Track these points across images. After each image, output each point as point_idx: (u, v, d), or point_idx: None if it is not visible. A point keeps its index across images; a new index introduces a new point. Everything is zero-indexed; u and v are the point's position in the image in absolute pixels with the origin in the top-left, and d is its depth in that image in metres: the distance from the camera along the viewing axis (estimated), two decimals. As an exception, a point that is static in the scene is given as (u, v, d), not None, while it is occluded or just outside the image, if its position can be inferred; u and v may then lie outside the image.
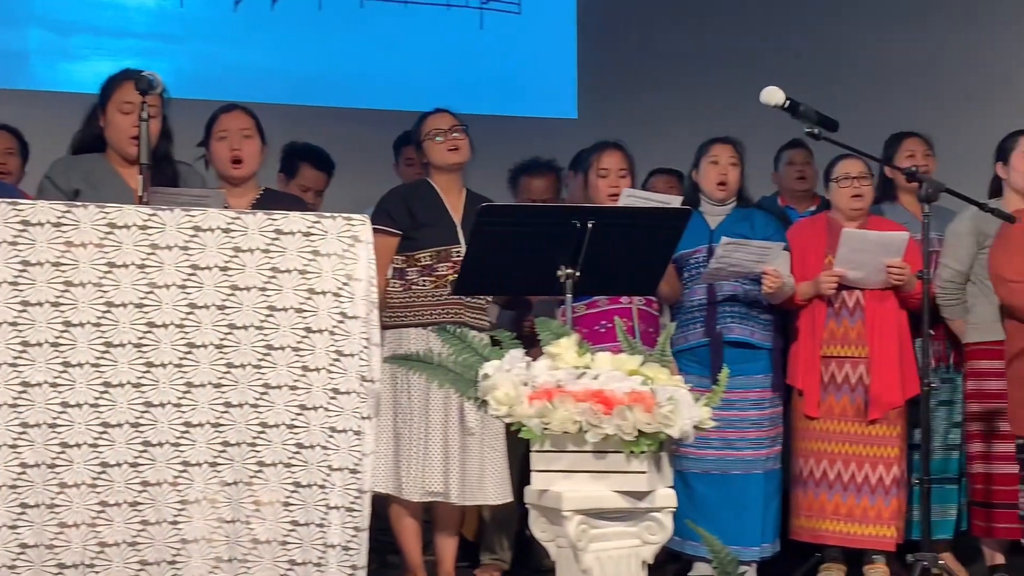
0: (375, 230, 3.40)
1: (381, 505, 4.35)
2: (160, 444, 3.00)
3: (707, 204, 4.83)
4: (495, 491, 4.33)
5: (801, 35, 7.23)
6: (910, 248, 4.65)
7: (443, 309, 4.33)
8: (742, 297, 4.72)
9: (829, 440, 4.68)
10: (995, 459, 4.71)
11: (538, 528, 3.04)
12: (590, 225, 3.58)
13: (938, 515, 4.82)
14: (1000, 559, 4.80)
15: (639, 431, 2.92)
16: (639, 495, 2.97)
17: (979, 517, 4.78)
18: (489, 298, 4.47)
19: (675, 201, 4.64)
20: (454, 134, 4.46)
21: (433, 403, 4.29)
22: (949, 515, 4.93)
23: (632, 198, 4.61)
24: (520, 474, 4.53)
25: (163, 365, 3.00)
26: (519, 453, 4.62)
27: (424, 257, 4.40)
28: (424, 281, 4.38)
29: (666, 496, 3.02)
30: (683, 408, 2.95)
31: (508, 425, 3.02)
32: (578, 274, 3.64)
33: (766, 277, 4.58)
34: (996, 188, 4.89)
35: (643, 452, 2.94)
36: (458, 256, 4.32)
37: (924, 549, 3.93)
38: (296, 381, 3.07)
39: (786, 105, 3.80)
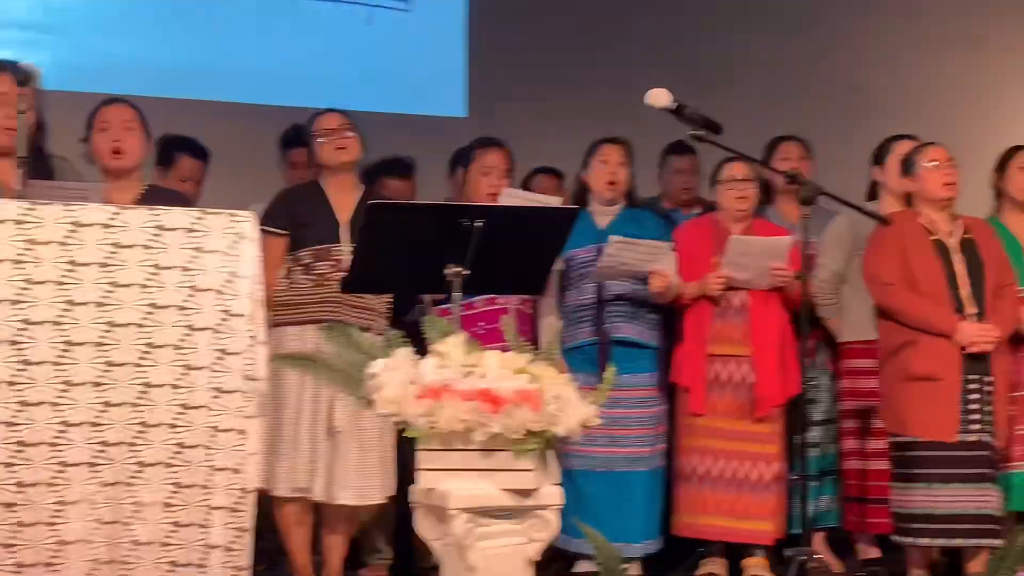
0: (262, 230, 3.35)
1: (271, 505, 4.30)
2: (36, 444, 2.92)
3: (596, 204, 4.84)
4: (362, 492, 4.27)
5: (688, 39, 7.30)
6: (793, 251, 4.72)
7: (323, 308, 4.28)
8: (630, 296, 4.74)
9: (713, 437, 4.72)
10: (869, 455, 4.81)
11: (424, 527, 3.02)
12: (479, 224, 3.56)
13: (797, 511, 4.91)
14: (873, 553, 4.90)
15: (526, 429, 2.91)
16: (526, 493, 2.96)
17: (853, 512, 4.87)
18: (385, 298, 4.42)
19: (554, 202, 4.64)
20: (345, 133, 4.41)
21: (305, 400, 4.25)
22: (820, 509, 5.00)
23: (512, 197, 4.61)
24: (402, 473, 4.50)
25: (40, 363, 2.92)
26: (400, 452, 4.60)
27: (305, 256, 4.35)
28: (304, 280, 4.33)
29: (552, 494, 3.02)
30: (570, 406, 2.95)
31: (395, 425, 2.98)
32: (466, 273, 3.61)
33: (654, 276, 4.60)
34: (873, 192, 5.00)
35: (530, 450, 2.93)
36: (339, 255, 4.28)
37: (802, 543, 3.99)
38: (178, 380, 3.01)
39: (672, 108, 3.82)
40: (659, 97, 3.80)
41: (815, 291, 4.88)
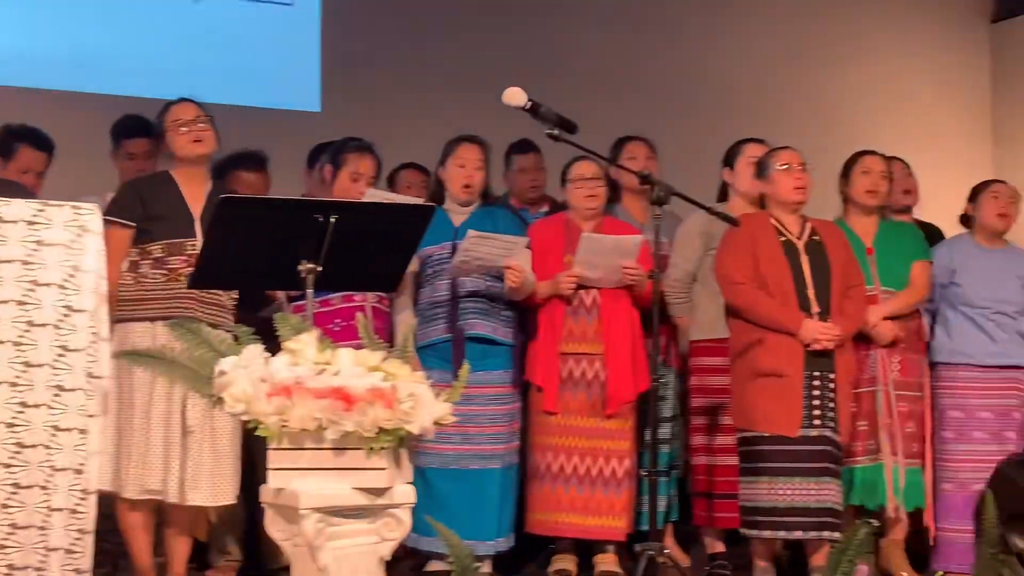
0: (107, 222, 3.25)
1: (113, 506, 4.17)
2: None
3: (452, 202, 4.82)
4: (215, 492, 4.18)
5: (544, 38, 7.34)
6: (643, 250, 4.78)
7: (174, 304, 4.17)
8: (484, 293, 4.74)
9: (566, 435, 4.75)
10: (716, 452, 4.89)
11: (274, 527, 2.97)
12: (333, 220, 3.51)
13: (646, 507, 4.98)
14: (720, 547, 4.99)
15: (379, 427, 2.88)
16: (378, 492, 2.94)
17: (701, 507, 4.96)
18: (232, 294, 4.33)
19: (415, 203, 4.60)
20: (199, 124, 4.30)
21: (156, 399, 4.13)
22: (659, 507, 5.08)
23: (374, 197, 4.57)
24: (252, 474, 4.42)
25: None
26: (250, 452, 4.51)
27: (156, 250, 4.23)
28: (155, 275, 4.21)
29: (405, 492, 3.00)
30: (424, 404, 2.93)
31: (245, 423, 2.92)
32: (320, 269, 3.56)
33: (509, 272, 4.60)
34: (724, 193, 5.09)
35: (383, 448, 2.90)
36: (193, 250, 4.18)
37: (651, 539, 4.04)
38: (17, 378, 2.90)
39: (527, 106, 3.82)
40: (515, 96, 3.81)
41: (667, 290, 4.96)
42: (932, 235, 5.40)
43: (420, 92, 7.01)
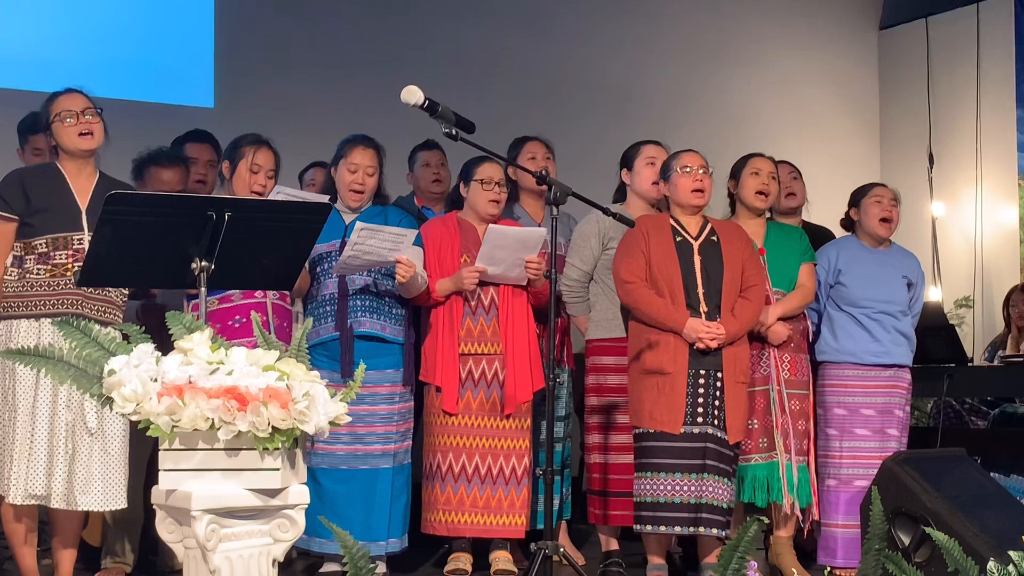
0: (-9, 215, 3.16)
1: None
2: None
3: (342, 205, 4.79)
4: (104, 496, 4.10)
5: (444, 37, 7.35)
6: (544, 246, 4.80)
7: (60, 300, 4.08)
8: (373, 290, 4.72)
9: (466, 435, 4.75)
10: (612, 450, 4.94)
11: (165, 529, 2.92)
12: (227, 217, 3.47)
13: (542, 505, 5.00)
14: (614, 545, 5.03)
15: (273, 428, 2.85)
16: (272, 492, 2.91)
17: (595, 505, 5.00)
18: (123, 290, 4.25)
19: (322, 200, 4.56)
20: (87, 117, 4.20)
21: (40, 401, 4.04)
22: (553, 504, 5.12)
23: (283, 194, 4.53)
24: (147, 476, 4.36)
25: None
26: (143, 455, 4.44)
27: (40, 244, 4.13)
28: (40, 270, 4.11)
29: (299, 493, 2.98)
30: (319, 404, 2.91)
31: (135, 424, 2.87)
32: (213, 267, 3.52)
33: (399, 266, 4.57)
34: (622, 193, 5.14)
35: (277, 449, 2.87)
36: (79, 244, 4.10)
37: (547, 537, 4.06)
38: None
39: (425, 105, 3.82)
40: (411, 94, 3.80)
41: (564, 290, 4.99)
42: (822, 237, 5.51)
43: (319, 88, 6.96)
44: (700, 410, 4.55)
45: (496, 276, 4.76)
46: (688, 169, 4.68)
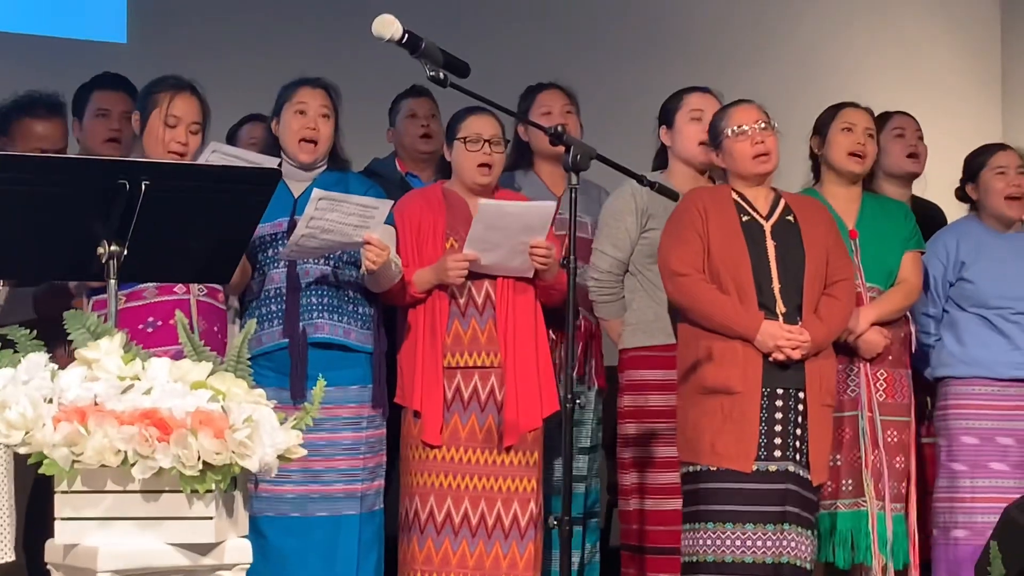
0: None
1: None
2: None
3: (289, 166, 4.78)
4: None
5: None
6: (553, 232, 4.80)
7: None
8: (333, 282, 4.73)
9: (454, 474, 4.76)
10: (650, 493, 4.94)
11: (63, 596, 2.95)
12: (144, 186, 3.49)
13: (558, 564, 5.02)
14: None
15: (205, 463, 2.87)
16: (203, 548, 2.93)
17: (630, 566, 5.01)
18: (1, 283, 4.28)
19: (272, 163, 4.56)
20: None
21: None
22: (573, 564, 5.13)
23: (218, 154, 4.53)
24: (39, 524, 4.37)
25: None
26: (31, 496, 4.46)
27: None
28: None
29: (238, 549, 3.00)
30: (264, 432, 2.93)
31: (24, 459, 2.90)
32: (125, 253, 3.53)
33: (368, 249, 4.56)
34: (662, 158, 5.14)
35: (210, 491, 2.89)
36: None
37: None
38: None
39: (403, 40, 3.82)
40: (386, 25, 3.79)
41: (591, 285, 5.00)
42: (931, 217, 5.53)
43: (262, 19, 6.97)
44: (778, 441, 4.56)
45: (492, 266, 4.77)
46: (743, 129, 4.70)
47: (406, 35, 3.80)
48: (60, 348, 3.26)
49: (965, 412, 5.09)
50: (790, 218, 4.72)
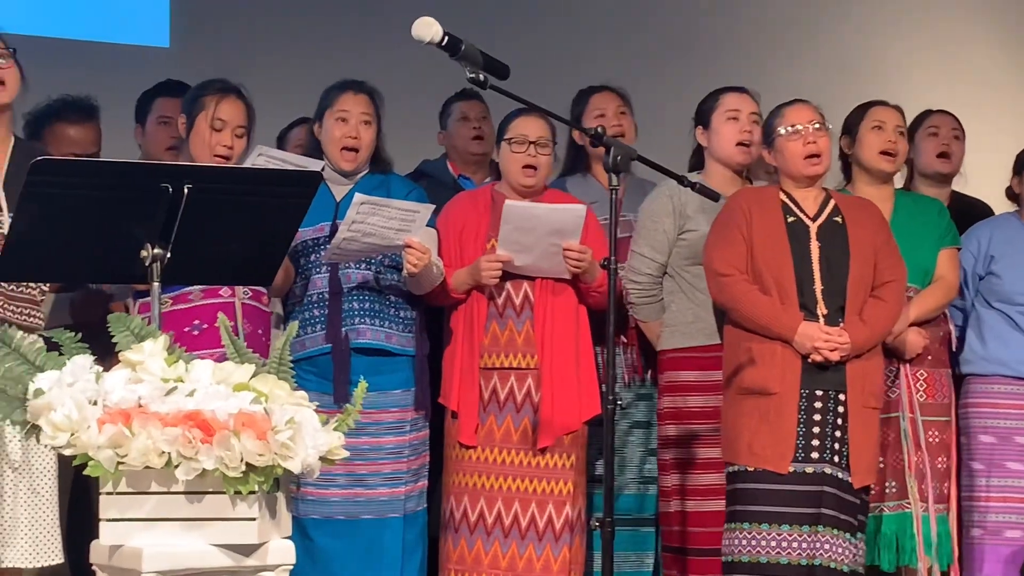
0: None
1: None
2: None
3: (332, 171, 4.81)
4: (33, 549, 4.16)
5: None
6: (592, 227, 4.81)
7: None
8: (375, 287, 4.75)
9: (487, 474, 4.78)
10: (690, 494, 4.94)
11: (108, 597, 2.97)
12: (187, 190, 3.51)
13: (632, 566, 5.03)
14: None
15: (248, 465, 2.89)
16: (247, 549, 2.95)
17: (672, 567, 5.00)
18: (44, 286, 4.31)
19: (317, 165, 4.59)
20: (-1, 61, 4.27)
21: None
22: (645, 566, 5.12)
23: (264, 157, 4.56)
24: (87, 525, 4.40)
25: None
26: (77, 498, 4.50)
27: (-55, 230, 4.20)
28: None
29: (282, 550, 3.01)
30: (307, 434, 2.95)
31: (70, 460, 2.92)
32: (169, 256, 3.56)
33: (409, 252, 4.59)
34: (699, 159, 5.13)
35: (253, 493, 2.91)
36: (-8, 228, 4.17)
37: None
38: None
39: (443, 42, 3.83)
40: (427, 28, 3.80)
41: (629, 287, 4.99)
42: (977, 214, 5.49)
43: (305, 22, 7.00)
44: (815, 443, 4.55)
45: (526, 267, 4.78)
46: (796, 128, 4.69)
47: (446, 37, 3.81)
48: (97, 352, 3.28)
49: (984, 410, 5.07)
50: (838, 219, 4.70)
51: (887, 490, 4.85)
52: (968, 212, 5.41)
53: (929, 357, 4.95)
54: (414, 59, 4.64)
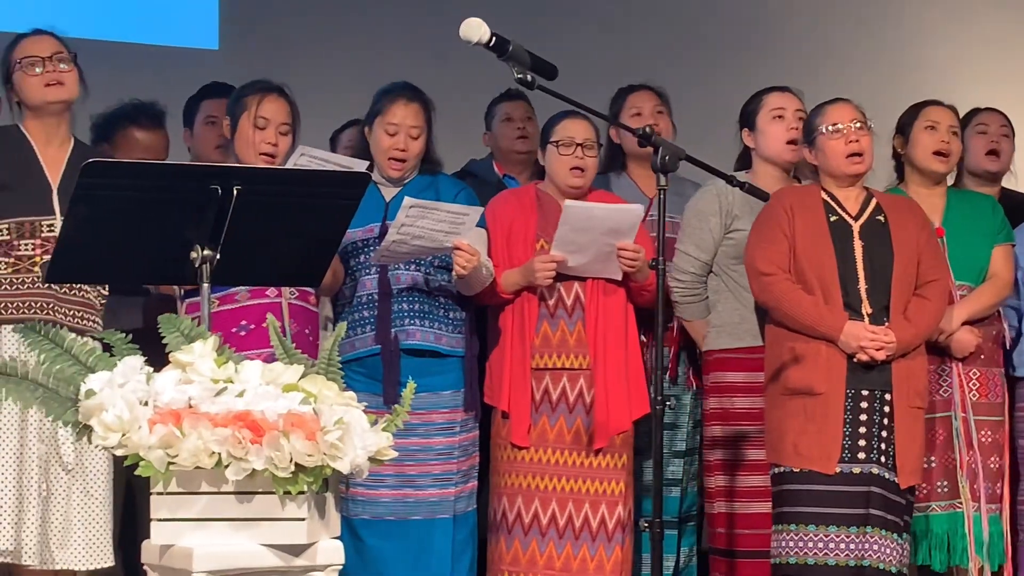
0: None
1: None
2: None
3: (380, 175, 4.82)
4: (87, 551, 4.18)
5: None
6: (643, 232, 4.80)
7: (25, 302, 4.18)
8: (424, 288, 4.76)
9: (541, 475, 4.78)
10: (740, 495, 4.93)
11: (159, 596, 2.99)
12: (236, 191, 3.53)
13: (648, 567, 5.01)
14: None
15: (297, 465, 2.90)
16: (296, 549, 2.96)
17: (720, 569, 5.00)
18: (103, 290, 4.33)
19: (360, 166, 4.61)
20: (58, 64, 4.29)
21: (5, 430, 4.13)
22: (667, 568, 5.08)
23: (306, 157, 4.57)
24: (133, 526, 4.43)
25: None
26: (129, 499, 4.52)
27: (2, 230, 4.22)
28: (0, 263, 4.21)
29: (331, 550, 3.02)
30: (356, 435, 2.95)
31: (122, 461, 2.94)
32: (218, 257, 3.58)
33: (458, 254, 4.60)
34: (745, 160, 5.13)
35: (302, 493, 2.92)
36: (50, 231, 4.19)
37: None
38: None
39: (491, 43, 3.84)
40: (475, 29, 3.81)
41: (674, 286, 4.99)
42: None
43: (352, 23, 7.01)
44: (862, 443, 4.53)
45: (580, 268, 4.78)
46: (838, 127, 4.67)
47: (493, 38, 3.82)
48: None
49: None
50: (880, 218, 4.69)
51: (938, 489, 4.82)
52: (1018, 210, 5.37)
53: (982, 356, 4.92)
54: (463, 58, 4.62)
